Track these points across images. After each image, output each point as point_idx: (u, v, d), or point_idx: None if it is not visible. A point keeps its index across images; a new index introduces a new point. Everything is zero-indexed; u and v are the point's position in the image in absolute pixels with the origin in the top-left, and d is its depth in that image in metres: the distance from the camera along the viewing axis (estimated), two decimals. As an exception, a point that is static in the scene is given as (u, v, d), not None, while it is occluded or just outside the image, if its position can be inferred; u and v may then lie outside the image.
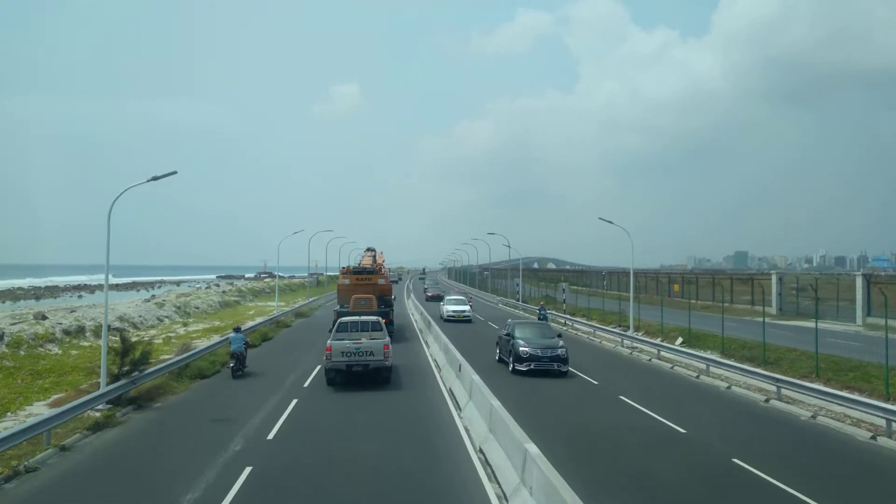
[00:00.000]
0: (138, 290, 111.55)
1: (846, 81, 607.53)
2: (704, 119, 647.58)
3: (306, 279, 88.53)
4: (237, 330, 21.98)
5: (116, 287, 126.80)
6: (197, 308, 43.17)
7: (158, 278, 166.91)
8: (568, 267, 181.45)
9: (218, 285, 75.45)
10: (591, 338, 33.37)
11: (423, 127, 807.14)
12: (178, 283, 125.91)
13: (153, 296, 51.75)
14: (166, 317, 37.86)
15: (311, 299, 57.73)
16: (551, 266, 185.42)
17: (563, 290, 42.98)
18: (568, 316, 40.12)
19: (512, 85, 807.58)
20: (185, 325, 36.07)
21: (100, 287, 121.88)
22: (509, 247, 61.28)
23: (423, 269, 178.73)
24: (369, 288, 30.83)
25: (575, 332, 35.77)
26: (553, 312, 41.57)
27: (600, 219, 30.48)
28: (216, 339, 28.87)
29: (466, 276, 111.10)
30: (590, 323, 36.08)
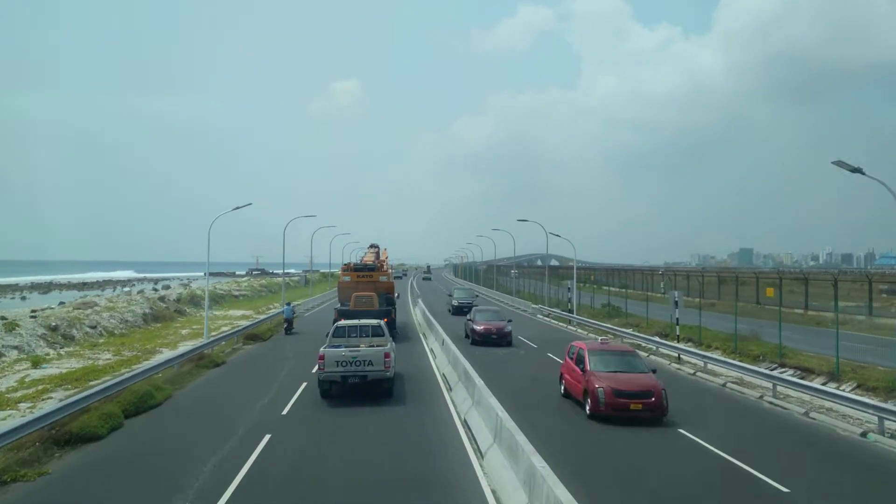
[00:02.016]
0: (104, 290, 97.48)
1: (849, 77, 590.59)
2: (706, 115, 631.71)
3: (296, 277, 73.79)
4: (288, 304, 33.61)
5: (84, 285, 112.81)
6: (93, 328, 27.63)
7: (143, 275, 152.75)
8: (572, 264, 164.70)
9: (168, 287, 60.01)
10: (767, 398, 17.72)
11: (423, 122, 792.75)
12: (156, 282, 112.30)
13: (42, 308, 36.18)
14: (14, 347, 22.40)
15: (288, 305, 42.58)
16: (555, 263, 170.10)
17: (676, 301, 24.06)
18: (697, 351, 22.97)
19: (513, 81, 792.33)
20: (37, 364, 20.73)
21: (58, 287, 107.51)
22: (554, 234, 47.12)
23: (428, 267, 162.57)
24: (371, 285, 29.65)
25: (731, 386, 20.10)
26: (670, 344, 24.29)
27: (835, 163, 14.93)
28: (49, 406, 13.97)
29: (480, 275, 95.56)
30: (782, 376, 18.68)
